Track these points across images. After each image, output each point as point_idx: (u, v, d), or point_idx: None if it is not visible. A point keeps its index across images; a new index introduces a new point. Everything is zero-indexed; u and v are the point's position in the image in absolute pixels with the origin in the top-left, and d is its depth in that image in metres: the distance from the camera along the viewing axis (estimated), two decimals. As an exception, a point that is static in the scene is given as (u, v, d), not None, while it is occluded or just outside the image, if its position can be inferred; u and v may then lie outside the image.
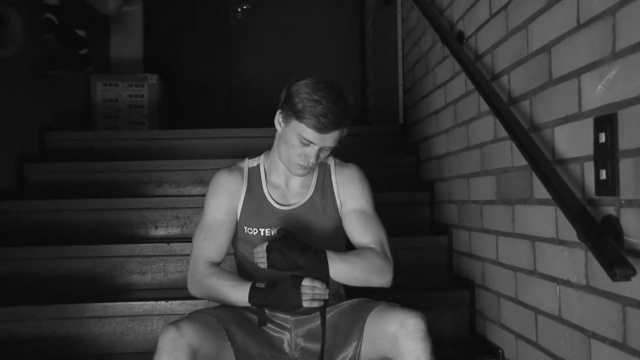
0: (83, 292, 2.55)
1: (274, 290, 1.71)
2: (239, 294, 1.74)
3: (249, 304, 1.74)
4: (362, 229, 1.89)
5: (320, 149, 1.79)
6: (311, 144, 1.77)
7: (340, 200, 1.94)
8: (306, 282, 1.68)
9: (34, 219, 2.89)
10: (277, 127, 1.86)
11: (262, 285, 1.73)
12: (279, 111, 1.84)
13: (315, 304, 1.69)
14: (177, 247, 2.67)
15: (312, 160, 1.80)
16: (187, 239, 2.78)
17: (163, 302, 2.37)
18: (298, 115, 1.74)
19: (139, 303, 2.37)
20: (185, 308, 2.29)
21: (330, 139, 1.77)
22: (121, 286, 2.64)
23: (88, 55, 3.95)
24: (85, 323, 2.34)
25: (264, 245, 1.74)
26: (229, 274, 1.82)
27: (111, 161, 3.30)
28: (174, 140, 3.56)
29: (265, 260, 1.73)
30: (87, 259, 2.63)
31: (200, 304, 2.25)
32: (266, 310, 1.84)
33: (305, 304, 1.67)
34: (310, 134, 1.75)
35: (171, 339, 1.59)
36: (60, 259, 2.62)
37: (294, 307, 1.69)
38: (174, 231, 2.95)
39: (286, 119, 1.80)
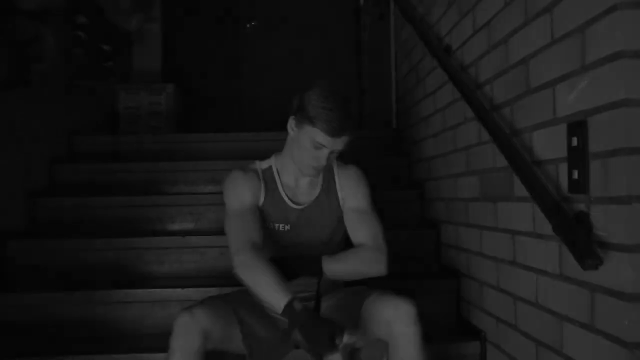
0: (109, 280, 2.56)
1: (308, 325, 1.55)
2: (275, 301, 1.60)
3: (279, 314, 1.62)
4: (358, 225, 1.90)
5: (331, 152, 1.80)
6: (323, 148, 1.78)
7: (342, 197, 1.95)
8: (347, 341, 1.54)
9: (64, 213, 2.91)
10: (290, 131, 1.86)
11: (299, 306, 1.57)
12: (292, 117, 1.84)
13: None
14: (192, 240, 2.68)
15: (323, 162, 1.81)
16: (200, 233, 2.81)
17: (179, 289, 2.39)
18: (312, 122, 1.75)
19: (158, 290, 2.40)
20: (199, 294, 2.25)
21: (340, 143, 1.79)
22: (142, 275, 2.65)
23: (112, 67, 3.97)
24: (111, 308, 2.36)
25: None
26: (273, 274, 1.65)
27: (133, 162, 3.32)
28: (188, 144, 3.56)
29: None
30: (111, 250, 2.65)
31: (212, 291, 2.25)
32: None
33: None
34: (323, 138, 1.76)
35: (185, 323, 1.61)
36: (88, 251, 2.64)
37: (320, 351, 1.55)
38: (188, 226, 2.96)
39: (300, 125, 1.80)
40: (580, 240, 1.30)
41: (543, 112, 1.57)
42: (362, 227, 1.89)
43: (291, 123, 1.85)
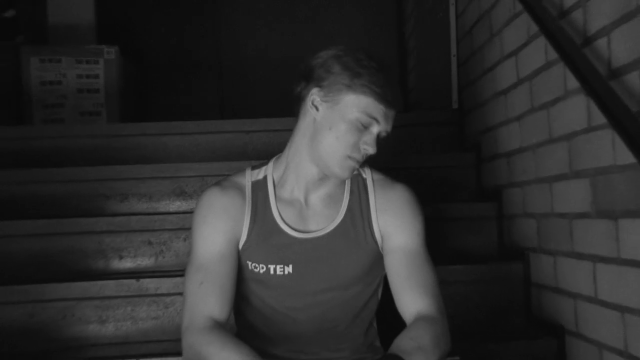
0: (13, 353, 2.55)
1: None
2: None
3: None
4: (407, 277, 1.90)
5: (378, 135, 1.84)
6: (373, 124, 1.82)
7: (381, 232, 1.95)
8: None
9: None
10: (313, 112, 1.88)
11: None
12: (315, 89, 1.86)
13: None
14: (150, 284, 2.68)
15: (372, 148, 1.84)
16: (164, 273, 2.82)
17: (132, 363, 2.38)
18: (355, 87, 1.80)
19: (98, 366, 2.39)
20: None
21: (391, 122, 1.86)
22: (71, 341, 2.64)
23: (15, 19, 3.95)
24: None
25: None
26: (236, 346, 1.74)
27: (56, 167, 3.31)
28: (143, 137, 3.58)
29: None
30: (22, 304, 2.63)
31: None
32: None
33: None
34: (374, 107, 1.81)
35: None
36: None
37: None
38: (145, 262, 2.96)
39: (331, 97, 1.84)
40: None
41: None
42: (414, 281, 1.89)
43: (312, 98, 1.87)
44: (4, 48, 4.05)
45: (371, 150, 1.83)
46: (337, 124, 1.83)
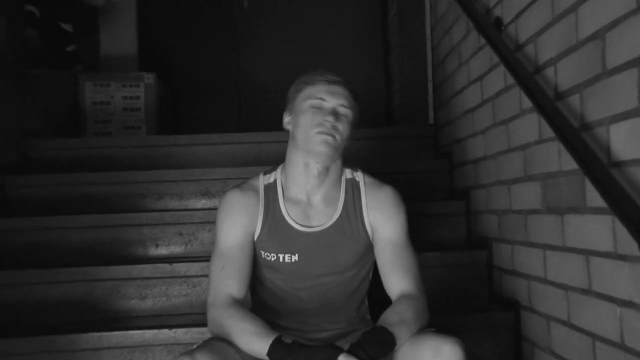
0: (75, 321, 2.55)
1: (299, 354, 1.62)
2: (259, 343, 1.68)
3: (266, 358, 1.67)
4: (393, 261, 1.92)
5: (336, 113, 1.88)
6: (323, 102, 1.89)
7: (371, 226, 1.96)
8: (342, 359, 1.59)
9: (17, 241, 2.91)
10: (288, 125, 1.99)
11: (288, 340, 1.67)
12: (285, 114, 2.00)
13: None
14: (181, 267, 2.68)
15: (330, 119, 1.86)
16: (192, 259, 2.82)
17: (166, 330, 2.38)
18: (301, 87, 1.93)
19: (139, 332, 2.38)
20: (190, 336, 2.29)
21: (340, 97, 1.90)
22: (118, 313, 2.65)
23: (76, 52, 3.96)
24: (79, 356, 2.34)
25: None
26: (252, 319, 1.78)
27: (105, 172, 3.32)
28: (175, 147, 3.58)
29: None
30: (80, 282, 2.65)
31: (207, 331, 2.23)
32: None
33: None
34: (318, 88, 1.91)
35: None
36: (49, 284, 2.63)
37: None
38: (177, 250, 2.96)
39: (292, 107, 1.96)
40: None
41: (623, 100, 1.55)
42: (399, 266, 1.91)
43: (285, 115, 2.00)
44: (66, 76, 4.06)
45: (330, 119, 1.86)
46: (300, 117, 1.90)
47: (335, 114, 1.87)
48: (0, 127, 3.27)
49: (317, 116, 1.87)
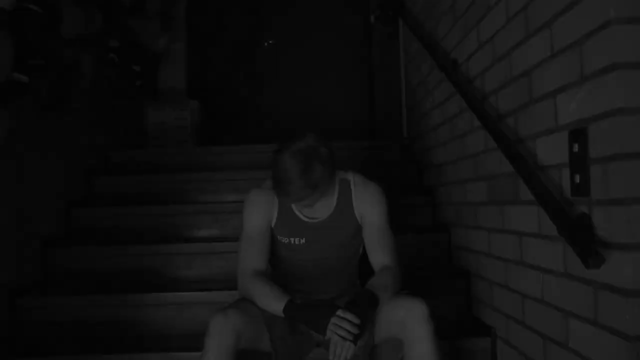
0: (141, 284, 2.59)
1: (307, 310, 1.67)
2: (276, 303, 1.70)
3: (281, 314, 1.70)
4: (376, 240, 1.91)
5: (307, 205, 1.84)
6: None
7: (360, 213, 1.94)
8: (339, 313, 1.59)
9: (100, 222, 2.96)
10: None
11: (298, 301, 1.69)
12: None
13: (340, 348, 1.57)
14: (217, 246, 2.71)
15: (301, 206, 1.87)
16: (226, 239, 2.83)
17: (206, 292, 2.41)
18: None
19: (187, 293, 2.42)
20: (224, 297, 2.28)
21: (299, 203, 1.81)
22: (172, 279, 2.68)
23: (142, 86, 4.03)
24: (143, 310, 2.38)
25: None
26: (271, 285, 1.78)
27: (162, 173, 3.37)
28: (211, 155, 3.61)
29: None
30: (146, 256, 2.69)
31: (236, 294, 2.25)
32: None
33: (328, 334, 1.59)
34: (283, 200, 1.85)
35: (219, 323, 1.63)
36: (125, 256, 2.69)
37: (319, 331, 1.62)
38: (214, 232, 2.98)
39: None
40: (583, 240, 1.30)
41: (545, 121, 1.58)
42: (380, 245, 1.90)
43: None
44: (135, 103, 4.12)
45: (301, 206, 1.86)
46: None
47: (307, 206, 1.85)
48: (91, 143, 3.34)
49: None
